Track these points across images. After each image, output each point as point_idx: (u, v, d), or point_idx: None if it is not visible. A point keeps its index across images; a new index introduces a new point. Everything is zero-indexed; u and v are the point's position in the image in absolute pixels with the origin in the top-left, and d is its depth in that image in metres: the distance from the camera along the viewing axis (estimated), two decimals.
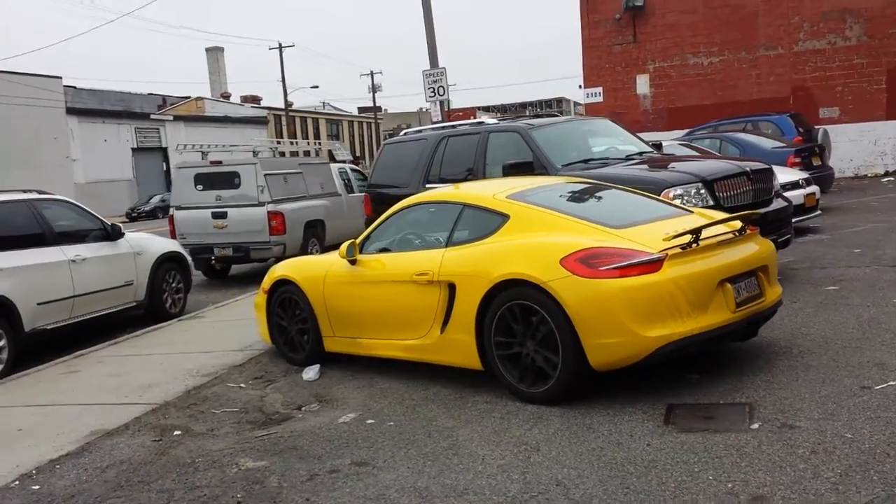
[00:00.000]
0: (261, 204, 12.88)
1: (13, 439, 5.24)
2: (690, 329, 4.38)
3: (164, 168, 51.72)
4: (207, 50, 72.53)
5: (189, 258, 11.03)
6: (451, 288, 5.08)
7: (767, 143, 14.05)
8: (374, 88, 72.32)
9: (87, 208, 9.53)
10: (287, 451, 4.49)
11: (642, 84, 22.20)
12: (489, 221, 5.13)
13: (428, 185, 9.47)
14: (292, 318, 6.43)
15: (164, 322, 9.38)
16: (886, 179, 19.42)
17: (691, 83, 22.01)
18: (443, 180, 9.35)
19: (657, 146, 9.39)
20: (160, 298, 10.03)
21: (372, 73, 71.66)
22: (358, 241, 5.96)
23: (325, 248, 14.35)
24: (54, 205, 9.00)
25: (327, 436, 4.67)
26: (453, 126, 9.95)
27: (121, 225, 9.91)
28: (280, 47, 57.14)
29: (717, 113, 19.56)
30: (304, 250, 13.38)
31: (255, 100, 70.07)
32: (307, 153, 17.81)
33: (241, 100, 69.08)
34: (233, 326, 8.43)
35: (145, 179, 50.94)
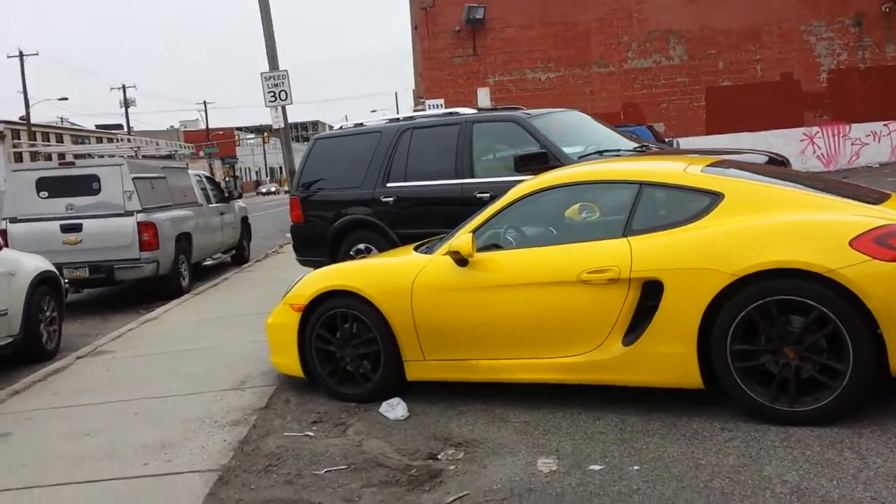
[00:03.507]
0: (128, 213, 10.63)
1: None
2: None
3: None
4: None
5: (64, 279, 8.68)
6: (650, 287, 4.01)
7: None
8: (127, 103, 65.89)
9: None
10: None
11: (483, 97, 22.05)
12: (690, 202, 4.12)
13: (389, 185, 8.19)
14: (349, 342, 4.93)
15: (45, 362, 7.19)
16: None
17: (530, 97, 22.21)
18: (410, 178, 8.12)
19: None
20: (37, 331, 7.71)
21: (124, 87, 65.55)
22: (461, 235, 4.65)
23: (192, 266, 12.29)
24: None
25: (571, 497, 3.36)
26: (411, 118, 8.70)
27: None
28: (21, 55, 50.17)
29: None
30: (175, 269, 11.27)
31: None
32: (169, 156, 15.33)
33: None
34: (185, 359, 6.55)
35: None
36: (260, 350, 6.57)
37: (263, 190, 77.64)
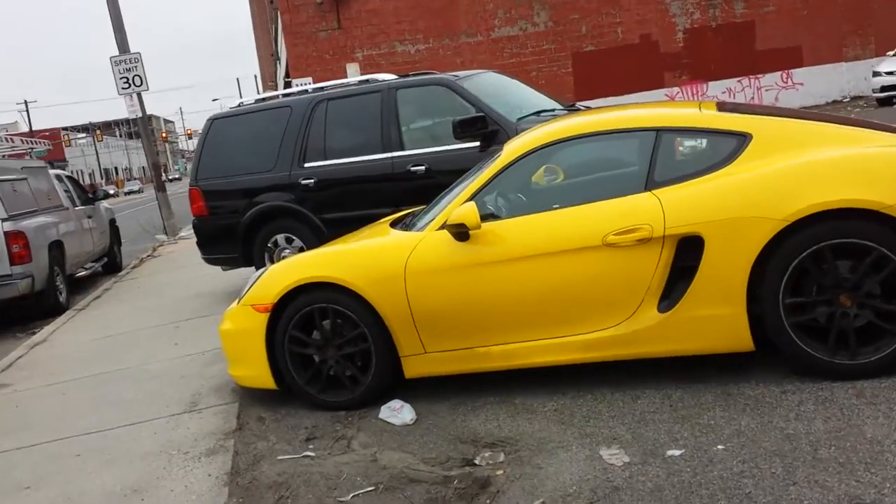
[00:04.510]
0: None
1: None
2: None
3: None
4: None
5: None
6: (687, 244, 3.65)
7: None
8: None
9: None
10: None
11: (353, 72, 21.23)
12: (716, 146, 3.79)
13: (308, 165, 7.49)
14: (332, 342, 4.30)
15: None
16: None
17: (402, 70, 21.59)
18: (330, 155, 7.45)
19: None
20: None
21: None
22: (452, 208, 4.11)
23: (67, 278, 10.96)
24: None
25: (672, 492, 2.95)
26: (321, 89, 7.97)
27: None
28: None
29: None
30: (51, 283, 9.98)
31: None
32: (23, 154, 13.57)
33: None
34: (107, 383, 5.64)
35: None
36: (195, 364, 5.79)
37: (126, 189, 73.59)
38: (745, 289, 3.55)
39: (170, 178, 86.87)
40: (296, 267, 4.41)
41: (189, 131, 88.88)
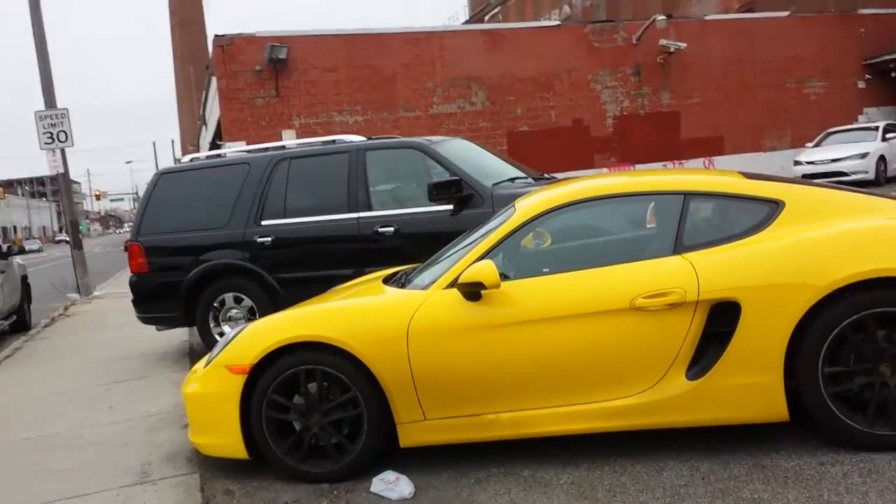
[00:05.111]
0: None
1: None
2: None
3: None
4: None
5: None
6: (721, 310, 3.45)
7: None
8: None
9: None
10: None
11: (289, 139, 20.92)
12: (747, 212, 3.64)
13: (265, 223, 7.09)
14: (317, 407, 3.86)
15: None
16: None
17: None
18: (290, 214, 7.07)
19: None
20: None
21: None
22: (463, 266, 3.81)
23: None
24: None
25: None
26: (281, 147, 7.63)
27: None
28: None
29: None
30: None
31: None
32: None
33: None
34: (37, 451, 4.96)
35: None
36: (137, 430, 5.20)
37: (27, 248, 70.05)
38: (784, 356, 3.35)
39: (66, 239, 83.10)
40: (281, 325, 3.98)
41: (98, 192, 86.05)
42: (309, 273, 6.87)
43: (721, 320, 3.47)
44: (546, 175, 7.87)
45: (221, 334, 7.22)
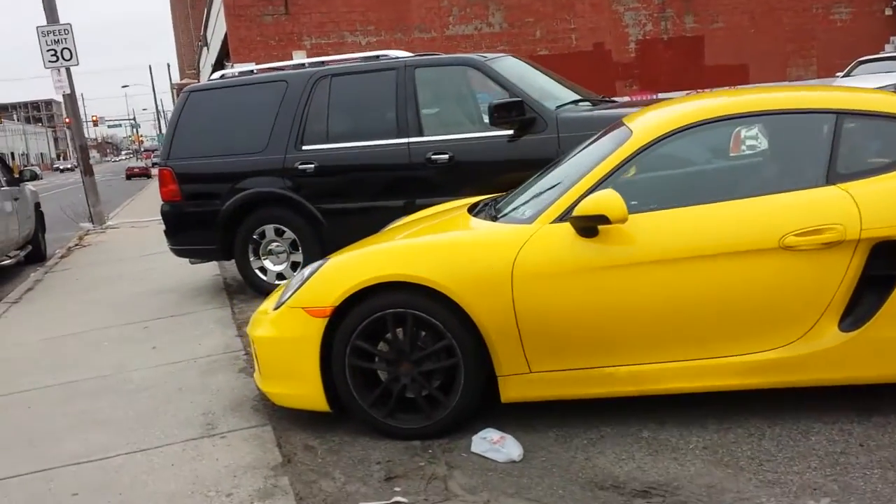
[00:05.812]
0: None
1: None
2: None
3: None
4: None
5: None
6: (886, 250, 3.01)
7: None
8: None
9: None
10: None
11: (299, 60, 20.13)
12: None
13: (307, 148, 6.58)
14: (408, 356, 3.46)
15: None
16: None
17: None
18: (333, 139, 6.56)
19: None
20: None
21: None
22: (575, 195, 3.35)
23: None
24: None
25: None
26: (321, 63, 7.06)
27: None
28: None
29: None
30: None
31: None
32: None
33: None
34: (84, 396, 4.61)
35: None
36: (190, 374, 4.84)
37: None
38: None
39: (69, 166, 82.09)
40: (367, 262, 3.55)
41: (95, 118, 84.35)
42: (355, 204, 6.43)
43: (882, 263, 3.03)
44: (606, 98, 7.33)
45: (262, 269, 6.83)
